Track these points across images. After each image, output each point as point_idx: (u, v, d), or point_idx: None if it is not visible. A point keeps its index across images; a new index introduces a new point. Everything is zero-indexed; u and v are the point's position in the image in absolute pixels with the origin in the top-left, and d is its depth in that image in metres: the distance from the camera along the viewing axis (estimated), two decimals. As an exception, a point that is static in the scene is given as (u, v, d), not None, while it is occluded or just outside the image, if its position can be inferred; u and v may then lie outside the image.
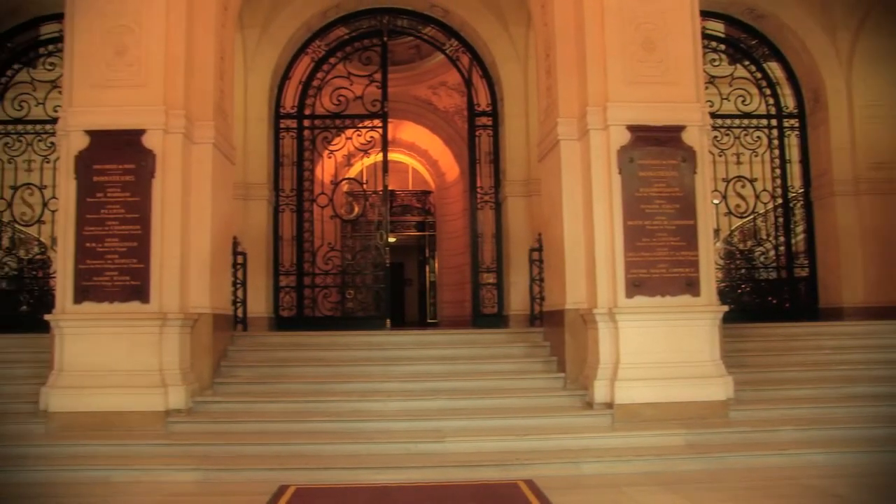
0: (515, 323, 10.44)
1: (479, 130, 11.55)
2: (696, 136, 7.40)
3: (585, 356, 7.57)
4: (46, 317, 7.10)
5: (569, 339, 7.78)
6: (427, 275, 21.38)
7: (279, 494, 5.40)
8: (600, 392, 7.09)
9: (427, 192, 20.73)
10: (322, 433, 6.69)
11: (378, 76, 11.21)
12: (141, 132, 7.18)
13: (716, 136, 10.85)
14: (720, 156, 11.08)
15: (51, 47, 11.34)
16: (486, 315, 11.10)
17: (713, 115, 9.53)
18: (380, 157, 11.34)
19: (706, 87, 8.69)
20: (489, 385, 7.76)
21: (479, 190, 11.54)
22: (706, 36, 10.85)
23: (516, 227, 11.02)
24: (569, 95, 7.89)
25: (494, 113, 11.51)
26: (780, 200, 11.62)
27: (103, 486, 5.79)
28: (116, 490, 5.68)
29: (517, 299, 10.69)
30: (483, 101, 11.56)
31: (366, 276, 11.47)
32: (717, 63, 11.48)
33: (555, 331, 8.23)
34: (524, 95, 11.12)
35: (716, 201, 10.36)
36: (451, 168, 17.68)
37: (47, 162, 10.85)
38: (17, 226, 11.22)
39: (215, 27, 7.99)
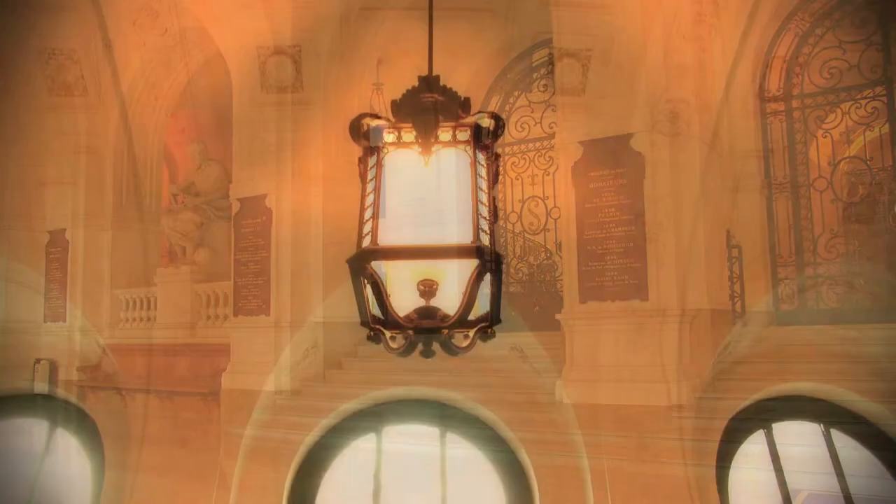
0: None
1: None
2: None
3: None
4: (557, 316, 7.77)
5: None
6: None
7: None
8: None
9: (950, 162, 18.01)
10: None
11: (876, 37, 10.00)
12: (628, 137, 7.45)
13: None
14: None
15: (542, 71, 12.47)
16: None
17: None
18: (885, 128, 10.12)
19: None
20: None
21: None
22: None
23: None
24: None
25: None
26: None
27: (614, 473, 6.13)
28: (624, 479, 5.97)
29: None
30: None
31: (877, 264, 10.35)
32: None
33: None
34: None
35: None
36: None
37: (547, 175, 11.97)
38: (526, 235, 12.54)
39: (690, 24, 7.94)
